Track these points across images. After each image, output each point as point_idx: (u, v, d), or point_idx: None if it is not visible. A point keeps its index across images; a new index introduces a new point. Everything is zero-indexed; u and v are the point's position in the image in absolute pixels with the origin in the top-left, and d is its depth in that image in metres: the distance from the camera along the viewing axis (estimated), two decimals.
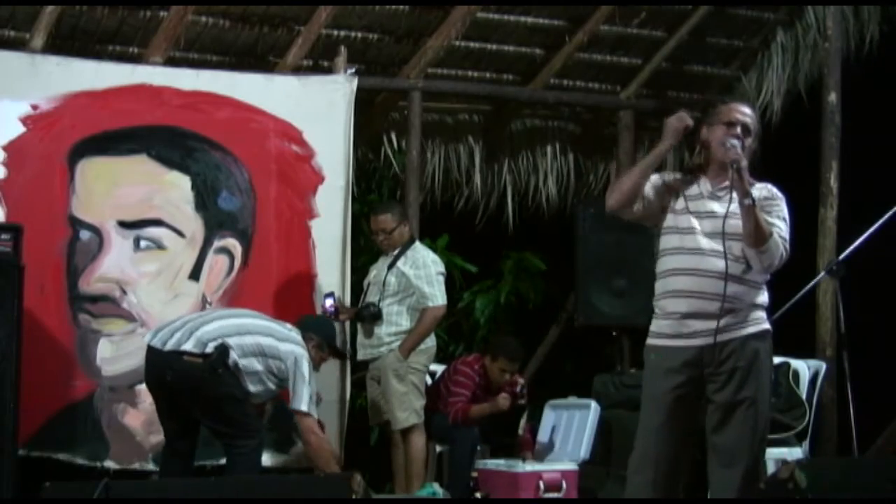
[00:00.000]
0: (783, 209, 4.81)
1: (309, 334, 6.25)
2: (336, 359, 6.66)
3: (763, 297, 4.79)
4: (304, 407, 6.04)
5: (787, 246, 4.74)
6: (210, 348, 5.89)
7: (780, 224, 4.75)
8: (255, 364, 5.98)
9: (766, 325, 4.78)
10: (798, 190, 7.66)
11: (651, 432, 4.78)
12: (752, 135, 4.79)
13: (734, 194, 4.70)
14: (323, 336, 6.36)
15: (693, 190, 4.83)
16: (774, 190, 4.85)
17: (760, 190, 4.79)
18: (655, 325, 4.81)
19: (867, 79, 7.70)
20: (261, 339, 6.02)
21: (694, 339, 4.70)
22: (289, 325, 6.24)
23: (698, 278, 4.69)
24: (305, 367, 6.06)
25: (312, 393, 6.08)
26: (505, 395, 6.99)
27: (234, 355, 5.90)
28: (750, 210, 4.64)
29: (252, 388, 6.01)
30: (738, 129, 4.77)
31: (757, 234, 4.65)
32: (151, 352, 5.98)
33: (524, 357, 7.44)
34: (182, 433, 6.06)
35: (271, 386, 6.08)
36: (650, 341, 4.81)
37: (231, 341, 5.93)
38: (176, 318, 6.14)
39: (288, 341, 6.09)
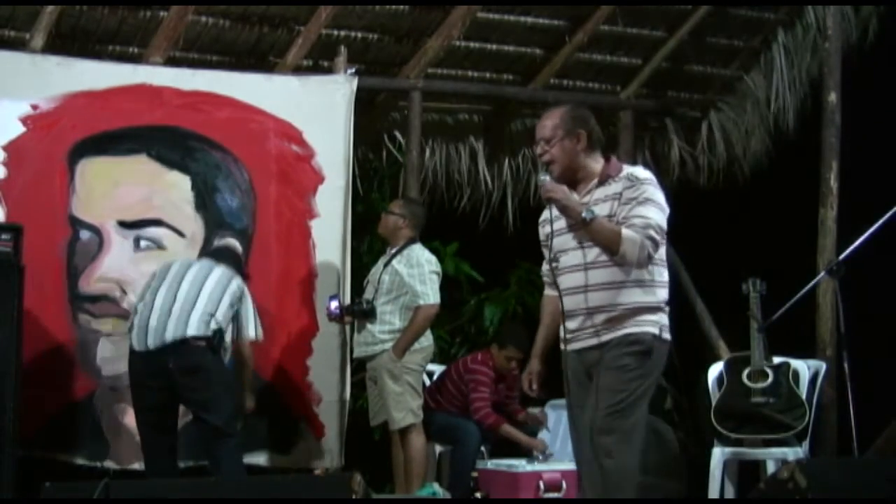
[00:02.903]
0: (646, 190, 4.76)
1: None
2: None
3: (645, 297, 4.77)
4: (254, 333, 6.37)
5: (653, 232, 4.69)
6: (210, 330, 6.12)
7: (641, 211, 4.72)
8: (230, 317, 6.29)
9: (643, 328, 4.76)
10: (798, 190, 7.74)
11: (573, 426, 4.98)
12: (556, 136, 4.83)
13: (594, 195, 4.79)
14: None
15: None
16: (639, 173, 4.83)
17: (621, 180, 4.79)
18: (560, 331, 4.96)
19: (867, 77, 7.70)
20: (233, 285, 6.28)
21: (576, 344, 4.86)
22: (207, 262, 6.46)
23: (570, 297, 4.81)
24: (247, 291, 6.34)
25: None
26: (543, 444, 7.15)
27: (226, 335, 6.20)
28: (588, 230, 4.70)
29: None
30: (538, 148, 4.89)
31: (606, 247, 4.70)
32: (150, 351, 6.08)
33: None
34: (167, 428, 6.22)
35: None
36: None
37: (220, 316, 6.18)
38: (149, 309, 6.22)
39: (236, 277, 6.34)
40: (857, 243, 6.12)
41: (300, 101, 7.31)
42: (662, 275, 4.84)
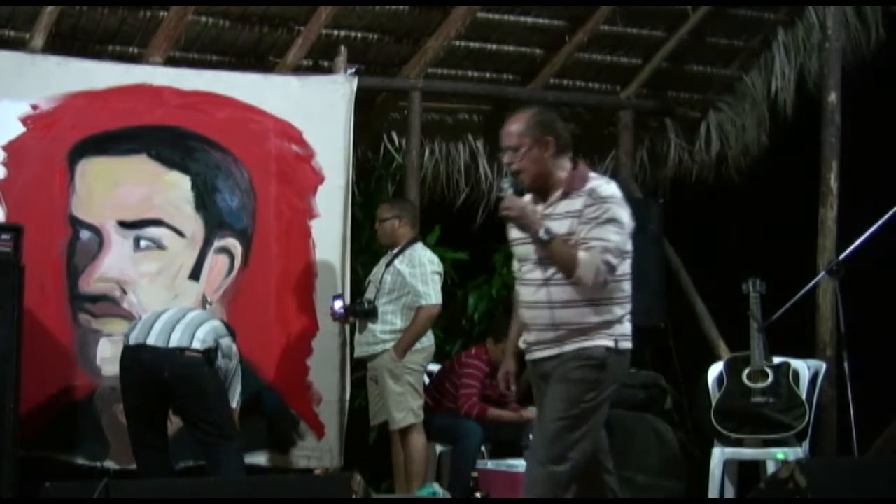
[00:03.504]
0: (608, 210, 4.65)
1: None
2: None
3: (601, 316, 4.69)
4: (235, 404, 6.24)
5: (610, 257, 4.60)
6: (207, 346, 6.06)
7: (600, 233, 4.62)
8: (222, 366, 6.18)
9: (596, 342, 4.68)
10: (798, 189, 7.74)
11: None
12: (524, 144, 4.74)
13: (556, 209, 4.73)
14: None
15: None
16: (602, 190, 4.69)
17: (583, 195, 4.68)
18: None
19: (868, 78, 7.70)
20: (227, 339, 6.21)
21: (533, 354, 4.84)
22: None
23: (531, 311, 4.77)
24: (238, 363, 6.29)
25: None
26: (532, 413, 7.10)
27: (220, 357, 6.10)
28: (547, 249, 4.64)
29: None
30: (506, 157, 4.80)
31: (562, 268, 4.63)
32: (145, 350, 6.06)
33: None
34: (159, 433, 6.19)
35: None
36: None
37: (222, 342, 6.14)
38: (155, 317, 6.21)
39: (230, 336, 6.26)
40: (857, 243, 6.13)
41: (300, 101, 7.31)
42: (623, 290, 4.74)
